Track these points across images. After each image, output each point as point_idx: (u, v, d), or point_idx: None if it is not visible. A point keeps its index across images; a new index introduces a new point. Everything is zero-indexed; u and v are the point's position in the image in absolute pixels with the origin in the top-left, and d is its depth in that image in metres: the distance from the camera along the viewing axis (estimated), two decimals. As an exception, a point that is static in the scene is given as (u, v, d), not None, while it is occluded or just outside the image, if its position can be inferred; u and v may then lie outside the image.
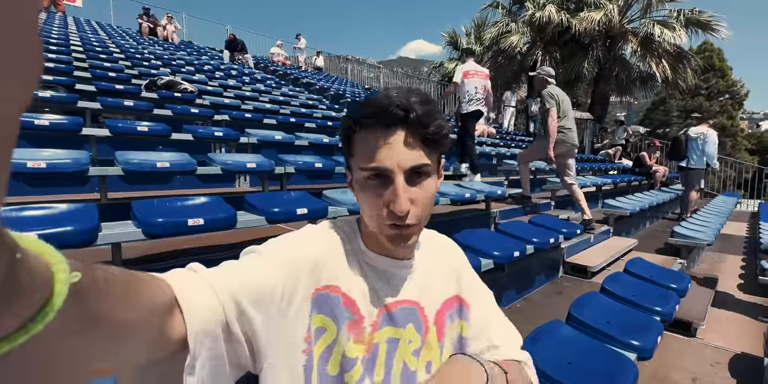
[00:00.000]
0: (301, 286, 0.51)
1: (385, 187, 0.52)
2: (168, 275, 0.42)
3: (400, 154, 0.51)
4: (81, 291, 0.24)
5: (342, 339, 0.53)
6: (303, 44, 14.38)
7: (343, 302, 0.54)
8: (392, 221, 0.52)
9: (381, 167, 0.51)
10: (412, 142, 0.51)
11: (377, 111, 0.50)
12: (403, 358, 0.57)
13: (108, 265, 0.30)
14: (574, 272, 3.04)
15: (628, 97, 13.11)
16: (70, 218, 1.39)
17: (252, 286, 0.46)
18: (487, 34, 12.87)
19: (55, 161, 1.91)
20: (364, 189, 0.54)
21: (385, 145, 0.51)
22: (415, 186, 0.52)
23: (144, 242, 1.93)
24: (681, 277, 2.30)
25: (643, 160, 7.65)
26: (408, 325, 0.58)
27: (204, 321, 0.40)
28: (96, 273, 0.27)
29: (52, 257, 0.23)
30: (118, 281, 0.30)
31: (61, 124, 2.66)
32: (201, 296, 0.41)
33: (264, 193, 2.34)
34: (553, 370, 1.20)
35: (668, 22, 10.39)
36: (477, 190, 3.15)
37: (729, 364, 1.92)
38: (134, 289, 0.32)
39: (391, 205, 0.51)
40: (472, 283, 0.70)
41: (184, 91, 4.84)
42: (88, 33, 8.70)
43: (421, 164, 0.52)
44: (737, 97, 21.28)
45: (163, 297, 0.37)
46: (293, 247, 0.54)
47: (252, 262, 0.50)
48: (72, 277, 0.24)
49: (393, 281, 0.60)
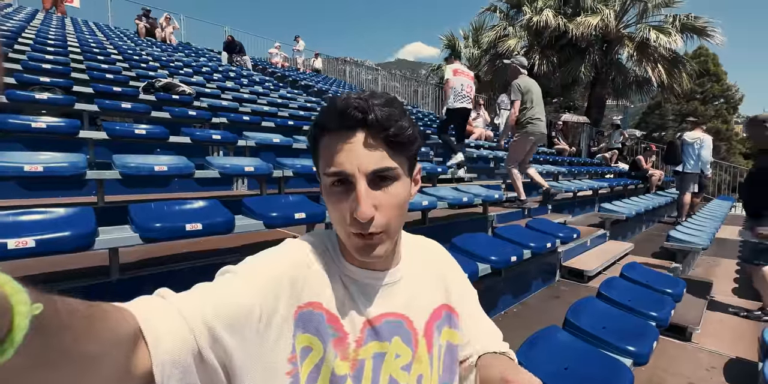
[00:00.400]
0: (281, 306, 0.49)
1: (348, 193, 0.50)
2: (133, 304, 0.40)
3: (361, 157, 0.49)
4: (43, 324, 0.23)
5: (329, 357, 0.51)
6: (301, 46, 14.41)
7: (327, 319, 0.53)
8: (357, 230, 0.50)
9: (341, 171, 0.49)
10: (374, 144, 0.49)
11: (336, 114, 0.49)
12: (390, 373, 0.55)
13: (67, 297, 0.28)
14: (571, 276, 3.05)
15: (625, 100, 13.23)
16: (66, 223, 1.39)
17: (227, 309, 0.44)
18: (485, 38, 12.97)
19: (53, 165, 1.90)
20: (329, 196, 0.52)
21: (345, 148, 0.49)
22: (380, 190, 0.50)
23: (142, 246, 1.93)
24: (676, 282, 2.32)
25: (639, 164, 7.71)
26: (394, 338, 0.57)
27: (172, 351, 0.38)
28: (57, 304, 0.26)
29: (11, 288, 0.22)
30: (80, 313, 0.29)
31: (59, 126, 2.65)
32: (168, 325, 0.39)
33: (262, 197, 2.34)
34: (549, 376, 1.21)
35: (664, 27, 10.51)
36: (474, 193, 3.16)
37: (724, 368, 1.93)
38: (98, 320, 0.31)
39: (354, 213, 0.48)
40: (460, 288, 0.69)
41: (182, 93, 4.84)
42: (85, 34, 8.67)
43: (385, 167, 0.50)
44: (732, 101, 21.48)
45: (127, 328, 0.35)
46: (271, 265, 0.52)
47: (227, 284, 0.48)
48: (33, 309, 0.23)
49: (375, 294, 0.57)
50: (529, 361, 1.26)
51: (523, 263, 2.44)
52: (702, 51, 20.41)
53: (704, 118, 17.48)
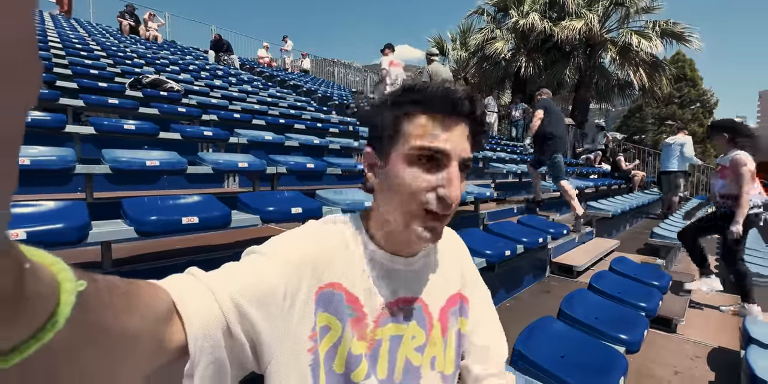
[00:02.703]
0: (304, 285, 0.51)
1: (432, 171, 0.51)
2: (166, 281, 0.41)
3: (459, 143, 0.51)
4: (86, 300, 0.24)
5: (347, 336, 0.52)
6: (290, 46, 14.29)
7: (347, 299, 0.54)
8: (436, 209, 0.50)
9: (442, 149, 0.50)
10: (467, 136, 0.53)
11: (444, 98, 0.51)
12: (406, 354, 0.57)
13: (107, 275, 0.29)
14: (561, 272, 3.12)
15: (607, 103, 13.58)
16: (59, 215, 1.35)
17: (253, 287, 0.45)
18: (473, 40, 13.13)
19: (40, 158, 1.85)
20: (406, 169, 0.51)
21: (447, 130, 0.51)
22: (459, 178, 0.52)
23: (132, 242, 1.88)
24: (662, 275, 2.40)
25: (619, 164, 7.98)
26: (411, 321, 0.58)
27: (203, 326, 0.39)
28: (98, 282, 0.27)
29: (57, 267, 0.23)
30: (119, 290, 0.30)
31: (44, 120, 2.57)
32: (199, 301, 0.40)
33: (258, 192, 2.32)
34: (548, 363, 1.24)
35: (645, 32, 10.85)
36: (467, 191, 3.20)
37: (708, 357, 2.01)
38: (135, 297, 0.32)
39: (441, 191, 0.50)
40: (474, 277, 0.71)
41: (171, 90, 4.75)
42: (66, 30, 8.41)
43: (470, 157, 0.53)
44: (707, 105, 22.31)
45: (161, 304, 0.37)
46: (295, 246, 0.53)
47: (253, 263, 0.50)
48: (78, 285, 0.24)
49: (397, 278, 0.59)
50: (528, 350, 1.29)
51: (515, 259, 2.48)
52: (679, 56, 21.15)
53: (682, 121, 18.12)
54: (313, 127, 5.24)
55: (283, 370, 0.47)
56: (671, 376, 1.82)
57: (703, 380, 1.80)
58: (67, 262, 0.24)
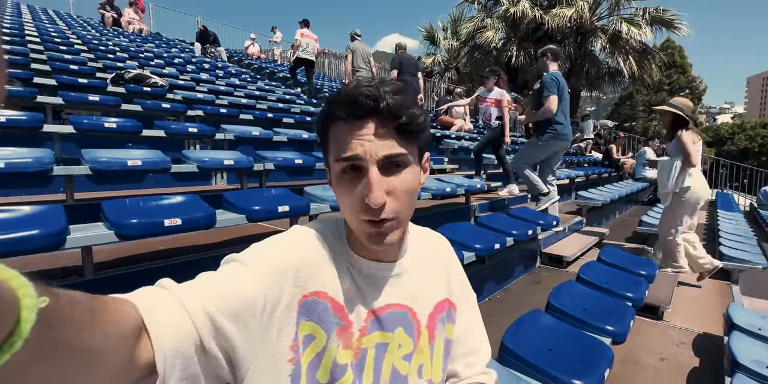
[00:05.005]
0: (286, 293, 0.49)
1: (359, 180, 0.50)
2: (135, 295, 0.40)
3: (372, 144, 0.49)
4: (47, 317, 0.23)
5: (332, 346, 0.51)
6: (279, 37, 13.99)
7: (332, 308, 0.53)
8: (368, 217, 0.50)
9: (353, 156, 0.49)
10: (384, 132, 0.49)
11: (347, 102, 0.49)
12: (392, 362, 0.56)
13: (71, 290, 0.28)
14: (551, 262, 3.15)
15: (598, 92, 13.62)
16: (35, 221, 1.31)
17: (229, 299, 0.44)
18: (464, 29, 13.02)
19: (15, 160, 1.79)
20: (340, 184, 0.51)
21: (356, 135, 0.49)
22: (391, 176, 0.50)
23: (115, 245, 1.85)
24: (650, 264, 2.43)
25: (610, 153, 8.03)
26: (397, 329, 0.57)
27: (174, 342, 0.38)
28: (60, 298, 0.26)
29: (18, 282, 0.22)
30: (82, 306, 0.29)
31: (20, 120, 2.49)
32: (170, 316, 0.39)
33: (243, 190, 2.29)
34: (535, 357, 1.25)
35: (634, 19, 10.84)
36: (457, 184, 3.20)
37: (693, 343, 2.05)
38: (99, 313, 0.31)
39: (366, 198, 0.48)
40: (460, 281, 0.70)
41: (154, 85, 4.63)
42: (44, 22, 8.14)
43: (396, 153, 0.50)
44: (696, 92, 22.52)
45: (129, 320, 0.35)
46: (277, 253, 0.52)
47: (231, 273, 0.48)
48: (39, 302, 0.23)
49: (381, 285, 0.58)
50: (515, 345, 1.30)
51: (506, 251, 2.49)
52: (669, 44, 21.21)
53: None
54: (302, 120, 5.16)
55: (261, 382, 0.46)
56: (657, 363, 1.86)
57: (687, 366, 1.84)
58: (27, 276, 0.23)
